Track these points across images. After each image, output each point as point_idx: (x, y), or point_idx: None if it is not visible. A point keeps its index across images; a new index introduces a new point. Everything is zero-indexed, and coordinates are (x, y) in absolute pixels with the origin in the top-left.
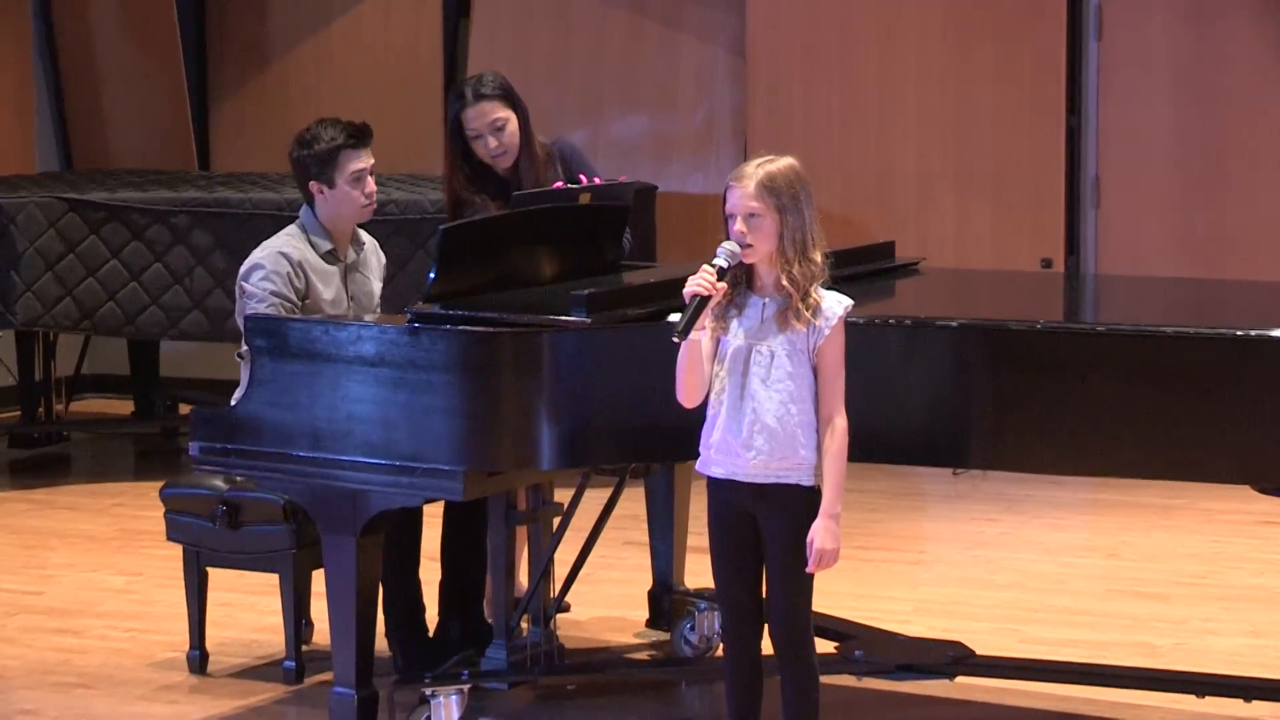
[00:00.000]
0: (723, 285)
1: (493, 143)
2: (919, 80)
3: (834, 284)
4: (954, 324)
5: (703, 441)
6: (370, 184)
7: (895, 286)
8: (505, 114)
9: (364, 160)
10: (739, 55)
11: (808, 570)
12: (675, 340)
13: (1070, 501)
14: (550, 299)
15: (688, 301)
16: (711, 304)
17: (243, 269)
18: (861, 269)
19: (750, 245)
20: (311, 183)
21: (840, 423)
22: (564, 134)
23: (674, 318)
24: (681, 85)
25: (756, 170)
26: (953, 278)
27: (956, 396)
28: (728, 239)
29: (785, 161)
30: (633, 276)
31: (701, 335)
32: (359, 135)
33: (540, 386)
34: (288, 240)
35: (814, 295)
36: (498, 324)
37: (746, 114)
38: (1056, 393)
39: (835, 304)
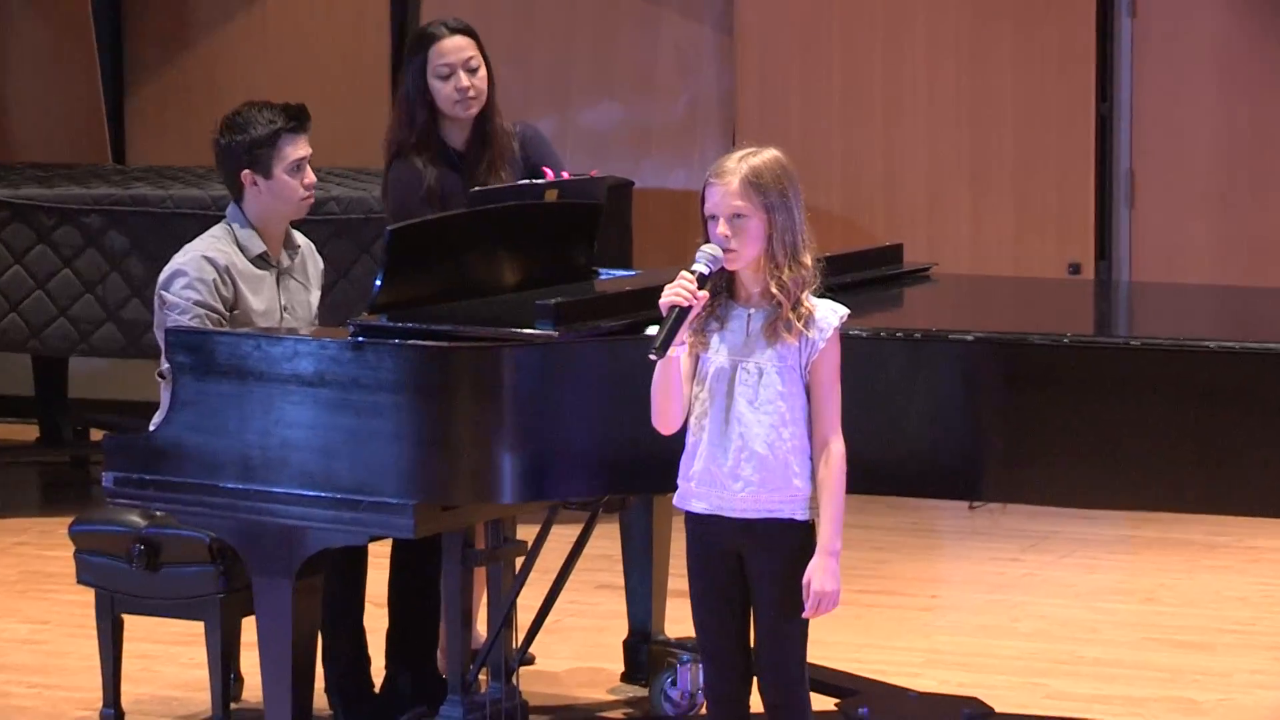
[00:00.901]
0: (703, 295)
1: (465, 81)
2: (930, 63)
3: (831, 292)
4: (969, 337)
5: (682, 473)
6: (310, 174)
7: (902, 295)
8: (479, 56)
9: (304, 147)
10: (727, 33)
11: (803, 616)
12: (651, 357)
13: (1102, 539)
14: (513, 309)
15: (664, 314)
16: (691, 316)
17: (162, 276)
18: (864, 275)
19: (734, 249)
20: (244, 172)
21: (837, 447)
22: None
23: (651, 330)
24: (661, 67)
25: (740, 164)
26: (968, 285)
27: (972, 420)
28: (707, 242)
29: (770, 154)
30: (606, 284)
31: (680, 352)
32: (298, 118)
33: (501, 409)
34: (213, 243)
35: (806, 304)
36: (453, 337)
37: (735, 100)
38: (1086, 416)
39: (830, 313)
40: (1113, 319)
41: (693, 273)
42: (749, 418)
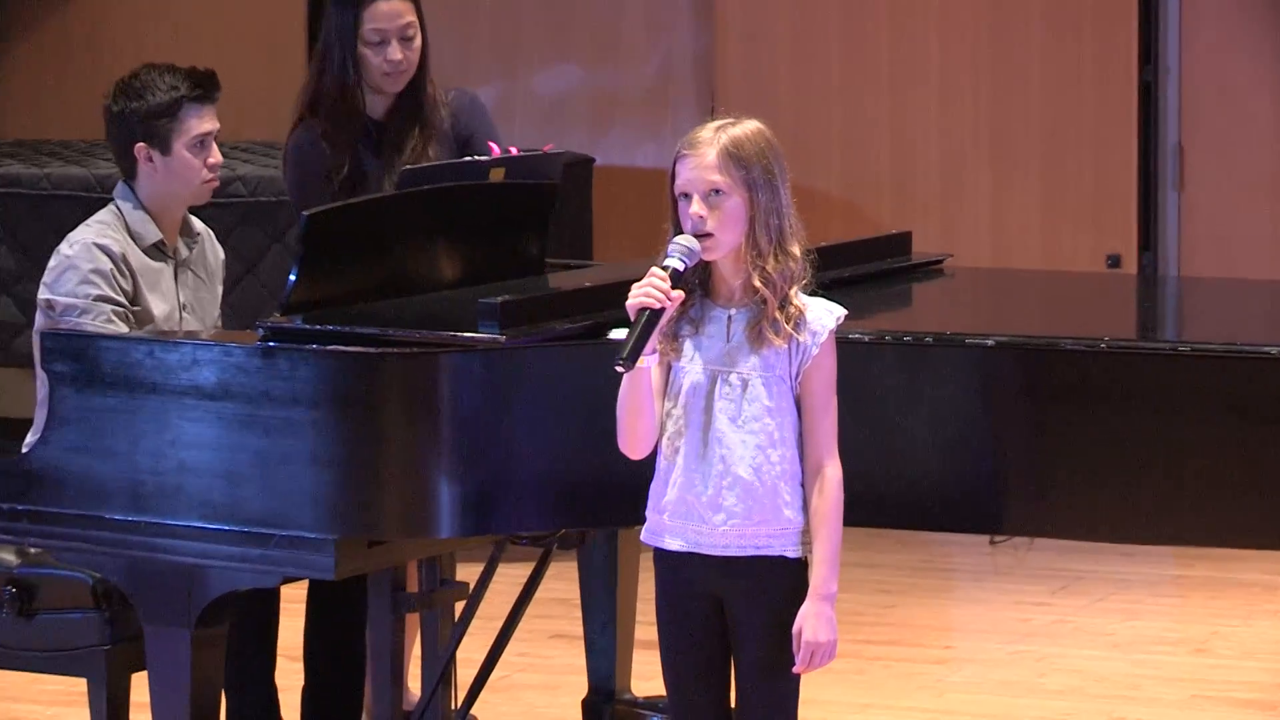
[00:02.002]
0: (678, 295)
1: (397, 53)
2: (945, 19)
3: (825, 289)
4: (989, 342)
5: (651, 503)
6: (216, 153)
7: (911, 292)
8: (417, 23)
9: (210, 120)
10: None
11: (794, 671)
12: (618, 369)
13: (1146, 579)
14: (452, 309)
15: (632, 317)
16: (664, 320)
17: (48, 276)
18: (865, 269)
19: (711, 234)
20: (139, 146)
21: (833, 472)
22: (467, 87)
23: (618, 334)
24: (627, 26)
25: (718, 134)
26: (988, 281)
27: (992, 440)
28: (678, 232)
29: (752, 125)
30: (562, 280)
31: (651, 362)
32: (205, 86)
33: (438, 426)
34: (102, 229)
35: (795, 302)
36: (381, 342)
37: (714, 65)
38: (1127, 435)
39: (824, 314)
40: (1158, 320)
41: (665, 268)
42: (731, 438)
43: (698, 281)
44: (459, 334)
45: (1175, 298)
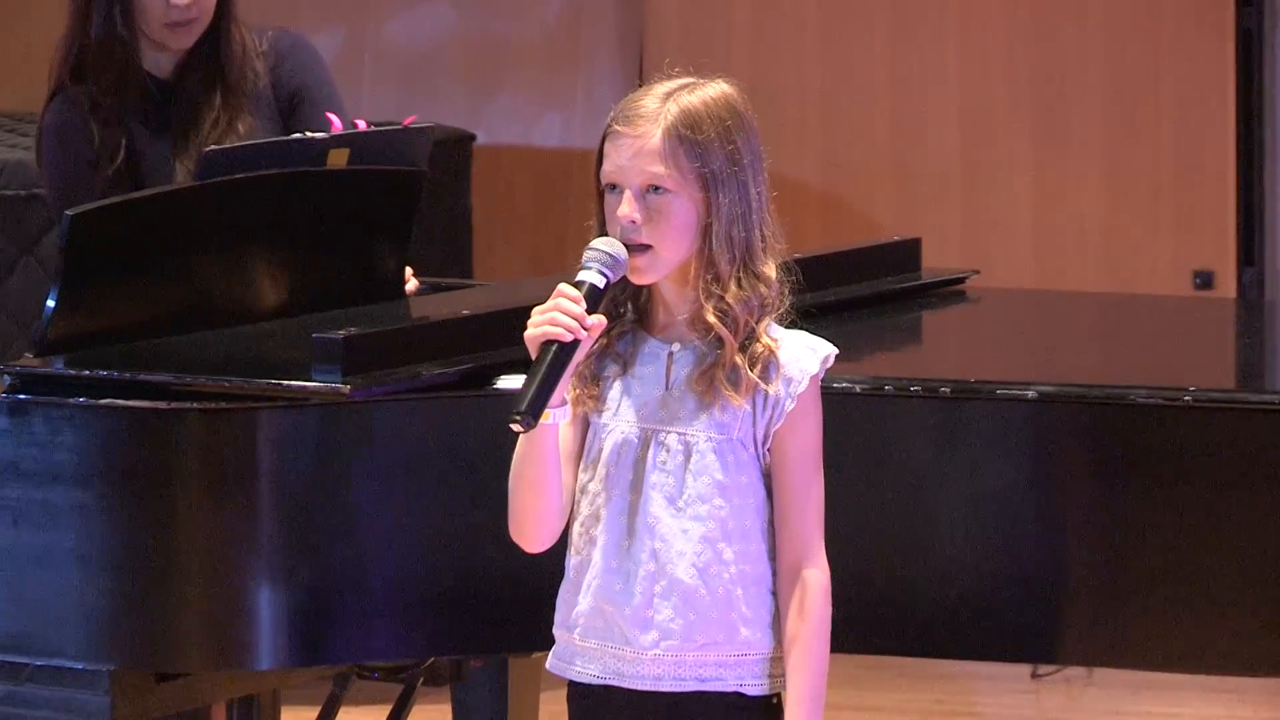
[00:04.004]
0: (596, 322)
1: None
2: None
3: (806, 320)
4: (1030, 393)
5: (559, 617)
6: None
7: (921, 323)
8: None
9: None
10: None
11: None
12: (514, 427)
13: None
14: (275, 348)
15: (533, 354)
16: (577, 358)
17: None
18: (856, 291)
19: (648, 245)
20: None
21: (816, 577)
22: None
23: (510, 381)
24: None
25: (666, 105)
26: (1029, 306)
27: (1040, 532)
28: (602, 233)
29: (717, 89)
30: (431, 305)
31: (558, 417)
32: None
33: (255, 512)
34: None
35: (765, 339)
36: (176, 394)
37: (643, 8)
38: (1227, 523)
39: (804, 354)
40: (1264, 362)
41: (578, 285)
42: (668, 525)
43: (628, 303)
44: (284, 382)
45: None
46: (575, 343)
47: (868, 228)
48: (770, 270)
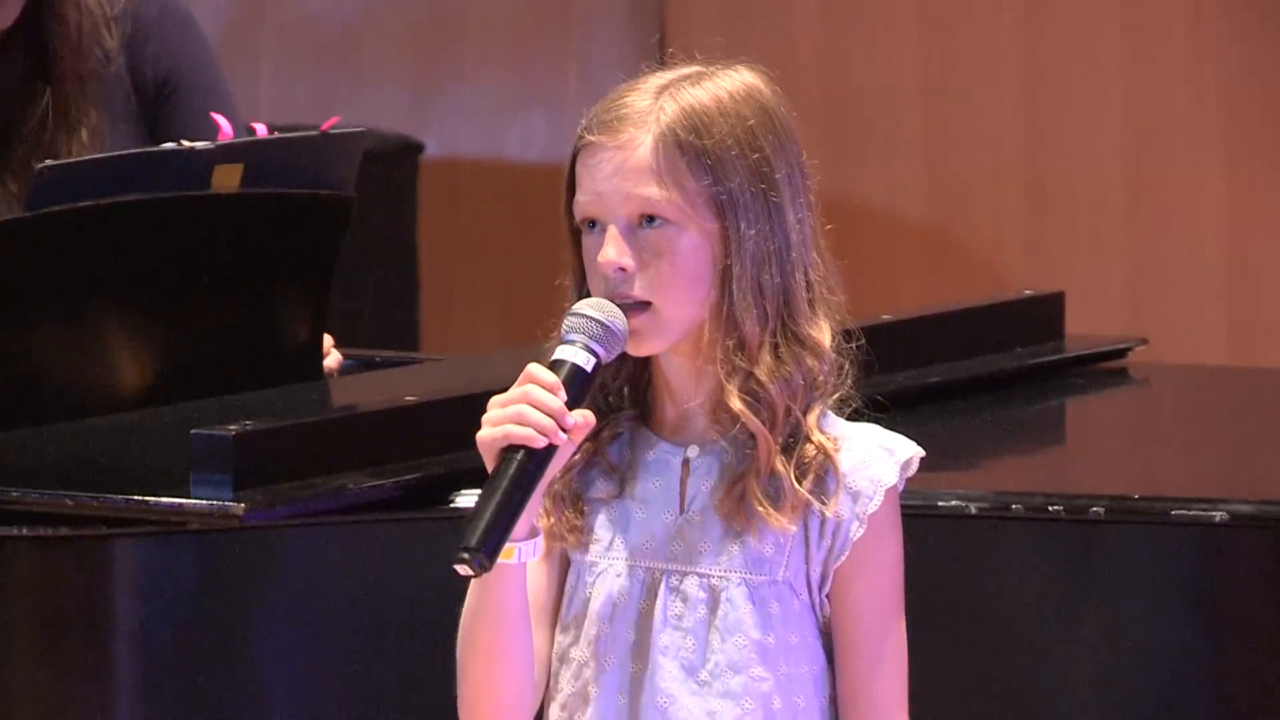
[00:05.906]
0: (581, 419)
1: None
2: None
3: (877, 409)
4: (1216, 515)
5: None
6: None
7: (1064, 413)
8: None
9: None
10: None
11: None
12: (461, 569)
13: None
14: (139, 449)
15: (492, 466)
16: (553, 470)
17: None
18: (971, 369)
19: (645, 301)
20: None
21: None
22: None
23: (468, 499)
24: None
25: (661, 101)
26: (1216, 389)
27: (1224, 697)
28: (582, 292)
29: (733, 78)
30: (360, 388)
31: (525, 554)
32: None
33: (109, 676)
34: None
35: (818, 436)
36: (7, 517)
37: None
38: None
39: (876, 457)
40: None
41: (556, 367)
42: (687, 706)
43: (623, 390)
44: (151, 499)
45: None
46: (551, 449)
47: (990, 277)
48: (821, 334)
